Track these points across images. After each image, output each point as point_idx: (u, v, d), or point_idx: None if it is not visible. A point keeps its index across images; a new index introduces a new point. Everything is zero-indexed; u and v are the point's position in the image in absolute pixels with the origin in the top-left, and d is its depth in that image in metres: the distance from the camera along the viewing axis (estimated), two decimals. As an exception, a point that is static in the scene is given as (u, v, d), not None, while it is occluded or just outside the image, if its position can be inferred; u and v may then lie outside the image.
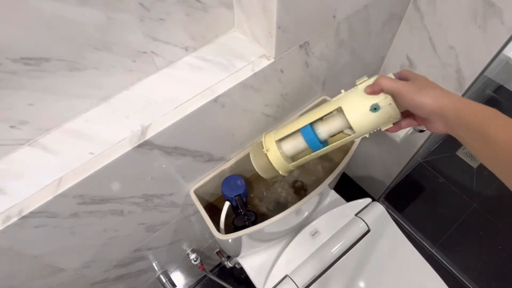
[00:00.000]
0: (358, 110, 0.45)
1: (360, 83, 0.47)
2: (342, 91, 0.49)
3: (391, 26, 0.77)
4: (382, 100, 0.44)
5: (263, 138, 0.55)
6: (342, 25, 0.61)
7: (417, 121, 0.46)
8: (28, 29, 0.36)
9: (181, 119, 0.47)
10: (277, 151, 0.51)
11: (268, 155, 0.52)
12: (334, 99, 0.49)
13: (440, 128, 0.41)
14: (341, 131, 0.49)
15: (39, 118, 0.43)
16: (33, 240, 0.45)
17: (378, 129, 0.47)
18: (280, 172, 0.53)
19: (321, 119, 0.50)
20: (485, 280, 1.22)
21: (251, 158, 0.55)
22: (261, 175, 0.56)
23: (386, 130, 0.48)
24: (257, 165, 0.55)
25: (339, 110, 0.47)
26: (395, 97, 0.43)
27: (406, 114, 0.46)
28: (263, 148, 0.53)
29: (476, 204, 1.39)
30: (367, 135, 0.48)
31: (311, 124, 0.50)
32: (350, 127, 0.47)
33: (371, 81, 0.46)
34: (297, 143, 0.52)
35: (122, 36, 0.43)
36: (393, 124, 0.46)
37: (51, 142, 0.45)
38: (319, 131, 0.50)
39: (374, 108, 0.44)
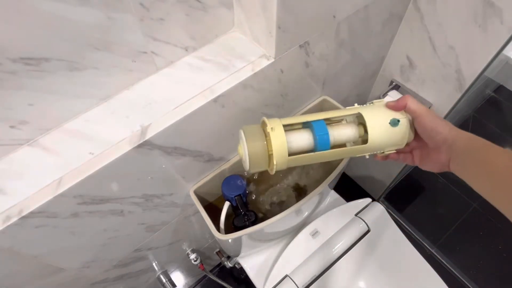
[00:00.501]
0: (378, 120, 0.44)
1: (377, 101, 0.47)
2: (356, 104, 0.48)
3: (391, 26, 0.77)
4: (403, 117, 0.44)
5: (263, 120, 0.44)
6: (342, 25, 0.61)
7: (413, 158, 0.48)
8: (28, 29, 0.36)
9: (181, 119, 0.47)
10: (284, 135, 0.42)
11: (272, 136, 0.41)
12: (348, 108, 0.46)
13: (442, 160, 0.42)
14: (345, 144, 0.47)
15: (39, 118, 0.43)
16: (33, 240, 0.45)
17: (379, 152, 0.47)
18: (274, 163, 0.42)
19: (330, 123, 0.47)
20: (485, 280, 1.22)
21: (244, 141, 0.42)
22: (248, 165, 0.43)
23: (382, 156, 0.48)
24: (251, 150, 0.42)
25: (357, 116, 0.46)
26: (415, 118, 0.44)
27: (404, 150, 0.48)
28: (265, 128, 0.43)
29: (476, 204, 1.39)
30: (367, 156, 0.47)
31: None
32: (359, 140, 0.46)
33: (386, 100, 0.47)
34: (302, 138, 0.44)
35: (122, 36, 0.43)
36: (396, 150, 0.47)
37: (51, 142, 0.45)
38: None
39: (394, 123, 0.44)
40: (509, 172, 0.35)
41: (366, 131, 0.45)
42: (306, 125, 0.46)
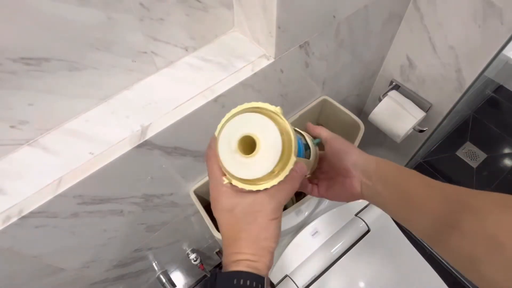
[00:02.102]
0: (309, 138, 0.44)
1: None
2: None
3: (391, 26, 0.77)
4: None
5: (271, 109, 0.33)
6: (342, 25, 0.61)
7: (319, 189, 0.46)
8: (28, 29, 0.36)
9: (181, 119, 0.47)
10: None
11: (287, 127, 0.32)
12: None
13: (354, 186, 0.41)
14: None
15: (39, 118, 0.43)
16: (33, 240, 0.45)
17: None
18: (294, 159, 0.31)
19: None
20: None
21: (269, 122, 0.31)
22: (275, 156, 0.30)
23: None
24: (284, 133, 0.31)
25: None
26: (326, 142, 0.44)
27: (311, 181, 0.47)
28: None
29: (476, 204, 1.39)
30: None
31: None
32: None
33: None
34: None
35: (122, 36, 0.43)
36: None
37: (51, 142, 0.45)
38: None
39: (317, 142, 0.45)
40: (425, 196, 0.35)
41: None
42: None
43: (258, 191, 0.32)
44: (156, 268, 0.88)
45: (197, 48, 0.54)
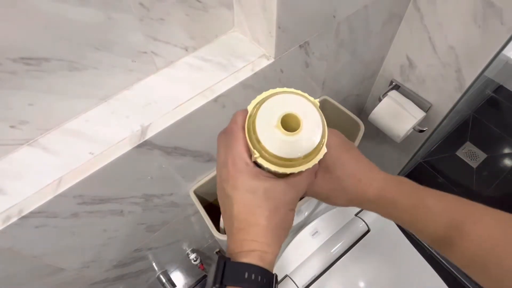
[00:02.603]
0: None
1: None
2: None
3: (391, 26, 0.77)
4: None
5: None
6: (342, 25, 0.61)
7: None
8: (28, 29, 0.36)
9: (181, 119, 0.47)
10: None
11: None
12: None
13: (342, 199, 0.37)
14: None
15: (39, 118, 0.43)
16: (33, 240, 0.45)
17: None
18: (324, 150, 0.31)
19: None
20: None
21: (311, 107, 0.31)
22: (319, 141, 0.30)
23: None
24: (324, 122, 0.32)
25: None
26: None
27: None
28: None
29: (476, 204, 1.39)
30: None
31: None
32: None
33: None
34: None
35: (122, 36, 0.43)
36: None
37: (51, 142, 0.45)
38: None
39: None
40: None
41: None
42: None
43: (278, 178, 0.31)
44: (156, 268, 0.88)
45: (197, 48, 0.54)
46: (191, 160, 0.58)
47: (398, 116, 0.86)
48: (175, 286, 0.91)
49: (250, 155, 0.31)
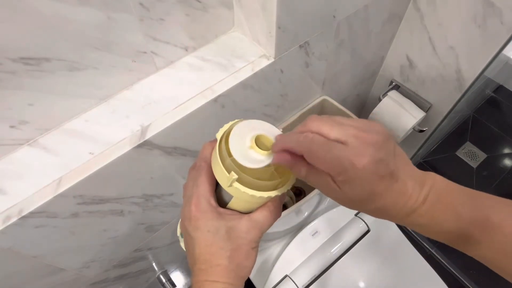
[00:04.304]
0: None
1: None
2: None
3: (391, 26, 0.77)
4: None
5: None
6: (342, 25, 0.61)
7: None
8: (28, 29, 0.36)
9: (181, 119, 0.47)
10: None
11: None
12: None
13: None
14: None
15: (39, 118, 0.43)
16: (33, 240, 0.45)
17: None
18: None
19: None
20: (485, 280, 1.22)
21: None
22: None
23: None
24: None
25: None
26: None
27: None
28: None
29: (476, 204, 1.39)
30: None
31: None
32: None
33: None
34: None
35: (122, 36, 0.43)
36: None
37: (51, 142, 0.45)
38: None
39: None
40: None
41: None
42: None
43: (242, 216, 0.31)
44: (156, 268, 0.88)
45: (197, 48, 0.54)
46: (191, 160, 0.58)
47: (398, 116, 0.86)
48: (175, 286, 0.91)
49: (214, 194, 0.32)
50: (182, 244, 0.40)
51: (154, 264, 0.85)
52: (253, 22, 0.52)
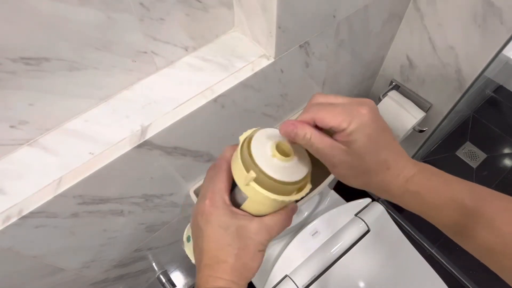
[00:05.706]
0: None
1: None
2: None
3: (391, 26, 0.77)
4: None
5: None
6: (342, 25, 0.61)
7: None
8: (28, 29, 0.36)
9: (181, 119, 0.47)
10: None
11: None
12: None
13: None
14: None
15: (39, 118, 0.43)
16: (32, 240, 0.45)
17: None
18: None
19: None
20: (485, 280, 1.22)
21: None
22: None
23: None
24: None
25: None
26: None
27: None
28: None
29: (476, 204, 1.39)
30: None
31: None
32: None
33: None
34: None
35: (122, 36, 0.43)
36: None
37: (51, 142, 0.45)
38: None
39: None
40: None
41: None
42: None
43: (253, 218, 0.32)
44: (156, 268, 0.88)
45: (197, 48, 0.54)
46: (191, 160, 0.58)
47: (398, 116, 0.86)
48: (175, 286, 0.91)
49: (229, 193, 0.33)
50: (187, 249, 0.41)
51: (154, 264, 0.85)
52: (253, 22, 0.52)
